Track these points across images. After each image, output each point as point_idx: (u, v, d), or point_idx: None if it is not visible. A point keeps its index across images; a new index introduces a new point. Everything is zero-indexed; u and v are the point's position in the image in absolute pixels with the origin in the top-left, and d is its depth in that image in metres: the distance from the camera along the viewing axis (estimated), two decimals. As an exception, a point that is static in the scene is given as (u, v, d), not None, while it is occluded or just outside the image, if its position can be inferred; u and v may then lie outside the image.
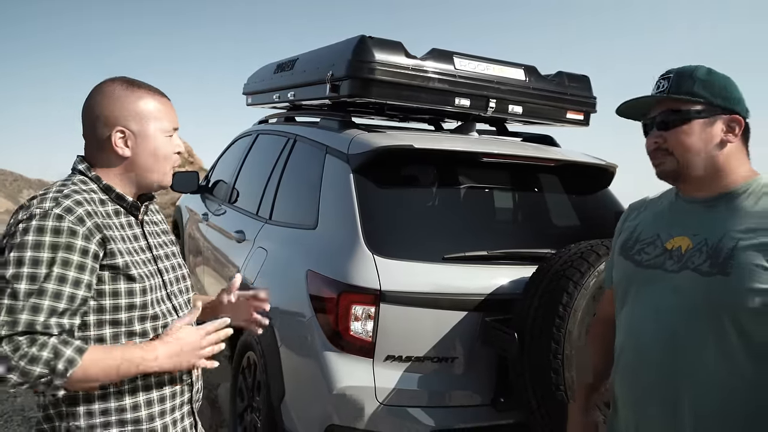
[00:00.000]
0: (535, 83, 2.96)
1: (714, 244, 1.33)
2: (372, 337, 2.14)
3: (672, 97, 1.39)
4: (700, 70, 1.40)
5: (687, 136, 1.39)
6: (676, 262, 1.39)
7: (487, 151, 2.49)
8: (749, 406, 1.27)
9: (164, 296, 1.43)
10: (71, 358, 1.18)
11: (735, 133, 1.38)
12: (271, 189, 3.13)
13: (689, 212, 1.44)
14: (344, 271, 2.18)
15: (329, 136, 2.72)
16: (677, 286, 1.36)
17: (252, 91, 4.04)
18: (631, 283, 1.49)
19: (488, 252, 2.29)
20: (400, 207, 2.37)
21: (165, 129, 1.39)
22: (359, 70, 2.58)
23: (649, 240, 1.49)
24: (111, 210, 1.36)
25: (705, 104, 1.38)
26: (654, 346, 1.38)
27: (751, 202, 1.34)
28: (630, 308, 1.49)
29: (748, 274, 1.25)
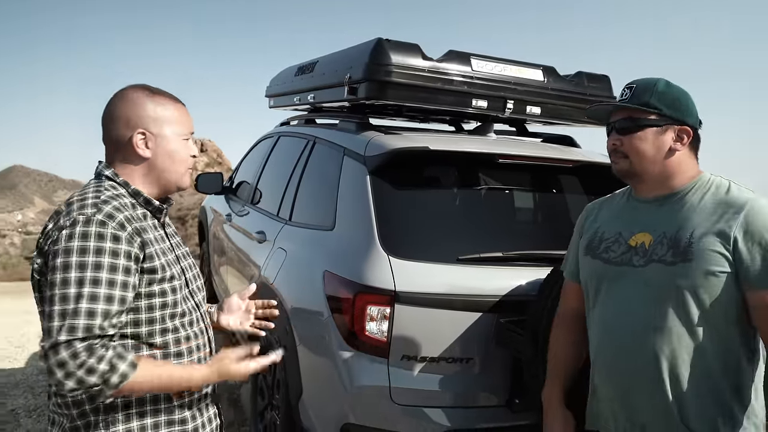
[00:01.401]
0: (554, 84, 2.95)
1: (672, 235, 1.52)
2: (387, 337, 2.16)
3: (629, 106, 1.58)
4: (660, 84, 1.59)
5: (640, 141, 1.57)
6: (642, 256, 1.56)
7: (503, 152, 2.49)
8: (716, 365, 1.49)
9: (188, 294, 1.49)
10: (125, 373, 1.24)
11: (683, 142, 1.57)
12: (291, 190, 3.18)
13: (644, 211, 1.62)
14: (360, 272, 2.21)
15: (347, 137, 2.76)
16: (647, 279, 1.53)
17: (274, 93, 4.10)
18: (602, 280, 1.65)
19: (503, 253, 2.30)
20: (416, 208, 2.39)
21: (181, 133, 1.45)
22: (376, 73, 2.61)
23: (613, 239, 1.66)
24: (140, 213, 1.42)
25: (658, 115, 1.56)
26: (632, 337, 1.55)
27: (698, 197, 1.54)
28: (602, 306, 1.65)
29: (706, 258, 1.45)
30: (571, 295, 1.84)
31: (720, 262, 1.45)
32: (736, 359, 1.52)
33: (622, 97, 1.63)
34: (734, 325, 1.50)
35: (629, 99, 1.60)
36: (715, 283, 1.46)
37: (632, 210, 1.67)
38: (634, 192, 1.69)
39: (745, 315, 1.50)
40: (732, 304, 1.48)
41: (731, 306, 1.48)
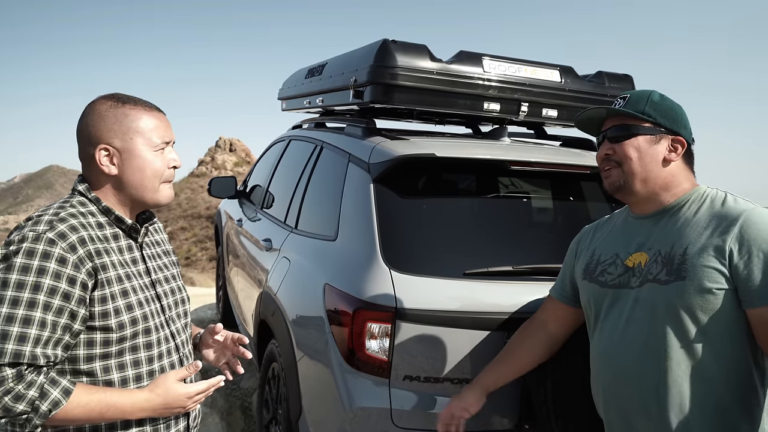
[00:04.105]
0: (572, 84, 2.79)
1: (666, 253, 1.45)
2: (388, 356, 2.04)
3: (622, 112, 1.51)
4: (654, 94, 1.54)
5: (634, 149, 1.50)
6: (638, 277, 1.50)
7: (516, 158, 2.34)
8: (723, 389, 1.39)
9: (162, 322, 1.39)
10: (56, 401, 1.16)
11: (677, 152, 1.50)
12: (298, 197, 3.08)
13: (639, 228, 1.56)
14: (360, 287, 2.09)
15: (352, 143, 2.64)
16: (642, 300, 1.47)
17: (286, 96, 4.01)
18: (600, 304, 1.59)
19: (513, 267, 2.15)
20: (421, 219, 2.26)
21: (153, 144, 1.35)
22: (381, 76, 2.49)
23: (610, 261, 1.59)
24: (109, 233, 1.33)
25: (652, 123, 1.50)
26: (630, 362, 1.48)
27: (692, 212, 1.47)
28: (600, 331, 1.59)
29: (700, 275, 1.37)
30: (547, 308, 1.86)
31: (716, 279, 1.37)
32: (744, 382, 1.40)
33: (616, 106, 1.55)
34: (739, 346, 1.39)
35: (624, 107, 1.53)
36: (713, 301, 1.37)
37: (629, 229, 1.59)
38: (630, 210, 1.62)
39: (750, 334, 1.38)
40: (734, 323, 1.37)
41: (734, 325, 1.37)
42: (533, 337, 1.84)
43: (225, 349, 1.60)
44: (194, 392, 1.34)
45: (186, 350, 1.46)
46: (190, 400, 1.34)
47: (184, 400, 1.33)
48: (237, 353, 1.59)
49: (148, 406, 1.28)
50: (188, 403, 1.34)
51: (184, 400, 1.33)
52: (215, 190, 4.34)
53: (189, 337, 1.52)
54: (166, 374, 1.33)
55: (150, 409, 1.29)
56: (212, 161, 43.56)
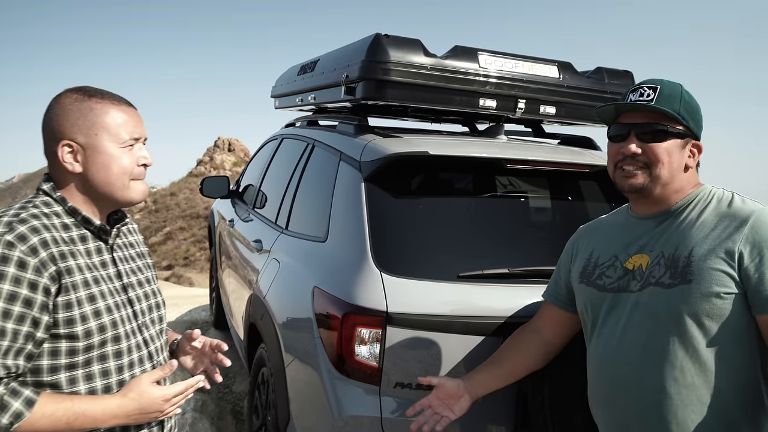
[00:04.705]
0: (570, 81, 2.70)
1: (670, 255, 1.37)
2: (378, 362, 1.96)
3: (661, 110, 1.38)
4: (685, 92, 1.43)
5: (666, 153, 1.39)
6: (639, 280, 1.41)
7: (512, 156, 2.26)
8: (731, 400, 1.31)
9: (134, 328, 1.31)
10: (18, 412, 1.09)
11: (695, 158, 1.43)
12: (289, 197, 3.00)
13: (641, 229, 1.47)
14: (349, 290, 2.01)
15: (344, 141, 2.56)
16: (644, 305, 1.38)
17: (278, 93, 3.92)
18: (598, 309, 1.50)
19: (509, 270, 2.07)
20: (414, 220, 2.18)
21: (120, 140, 1.26)
22: (373, 72, 2.40)
23: (608, 263, 1.50)
24: (76, 235, 1.25)
25: (684, 126, 1.40)
26: (629, 371, 1.39)
27: (697, 212, 1.39)
28: (598, 338, 1.50)
29: (707, 279, 1.29)
30: (541, 313, 1.78)
31: (724, 282, 1.29)
32: (753, 393, 1.32)
33: (644, 97, 1.41)
34: (748, 354, 1.30)
35: (657, 102, 1.39)
36: (721, 306, 1.28)
37: (629, 230, 1.50)
38: (632, 209, 1.53)
39: (759, 342, 1.30)
40: (743, 330, 1.29)
41: (742, 332, 1.29)
42: (526, 343, 1.75)
43: (203, 356, 1.52)
44: (171, 394, 1.26)
45: (161, 358, 1.38)
46: (167, 404, 1.26)
47: (161, 403, 1.25)
48: (215, 360, 1.51)
49: (121, 413, 1.20)
50: (165, 406, 1.26)
51: (161, 403, 1.25)
52: (207, 190, 4.26)
53: (165, 344, 1.44)
54: (139, 377, 1.25)
55: (123, 415, 1.21)
56: (211, 161, 43.47)
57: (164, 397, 1.24)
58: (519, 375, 1.75)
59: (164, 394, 1.24)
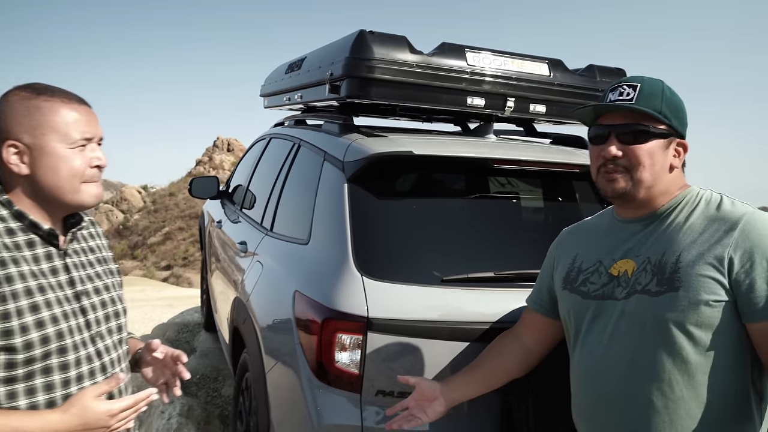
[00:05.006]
0: (561, 79, 2.63)
1: (657, 261, 1.30)
2: (359, 369, 1.89)
3: (641, 111, 1.31)
4: (667, 89, 1.35)
5: (648, 155, 1.32)
6: (625, 287, 1.34)
7: (499, 156, 2.19)
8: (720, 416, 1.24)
9: (85, 339, 1.23)
10: None
11: (680, 157, 1.36)
12: (275, 198, 2.93)
13: (626, 233, 1.40)
14: (329, 295, 1.94)
15: (329, 141, 2.49)
16: (630, 313, 1.31)
17: (267, 92, 3.85)
18: (581, 318, 1.43)
19: (495, 273, 2.00)
20: (397, 222, 2.11)
21: (70, 140, 1.19)
22: (357, 69, 2.33)
23: (593, 269, 1.43)
24: (22, 241, 1.18)
25: (667, 125, 1.33)
26: (615, 384, 1.32)
27: (684, 215, 1.33)
28: (582, 348, 1.43)
29: (696, 286, 1.23)
30: (523, 319, 1.72)
31: (713, 290, 1.22)
32: (744, 406, 1.25)
33: (623, 96, 1.33)
34: (740, 366, 1.24)
35: (637, 101, 1.31)
36: (710, 314, 1.22)
37: (614, 234, 1.43)
38: (616, 212, 1.45)
39: (751, 353, 1.23)
40: (734, 340, 1.22)
41: (734, 342, 1.22)
42: (506, 349, 1.68)
43: (164, 368, 1.44)
44: (118, 409, 1.18)
45: (117, 369, 1.31)
46: (113, 419, 1.18)
47: (106, 419, 1.17)
48: (175, 373, 1.44)
49: (62, 429, 1.12)
50: (111, 422, 1.18)
51: (106, 419, 1.17)
52: (196, 191, 4.20)
53: (125, 355, 1.36)
54: (83, 391, 1.17)
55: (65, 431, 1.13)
56: (210, 161, 43.40)
57: (110, 412, 1.17)
58: (498, 382, 1.68)
59: (110, 408, 1.17)
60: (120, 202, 45.53)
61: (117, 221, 44.14)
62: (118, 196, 47.09)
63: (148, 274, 33.47)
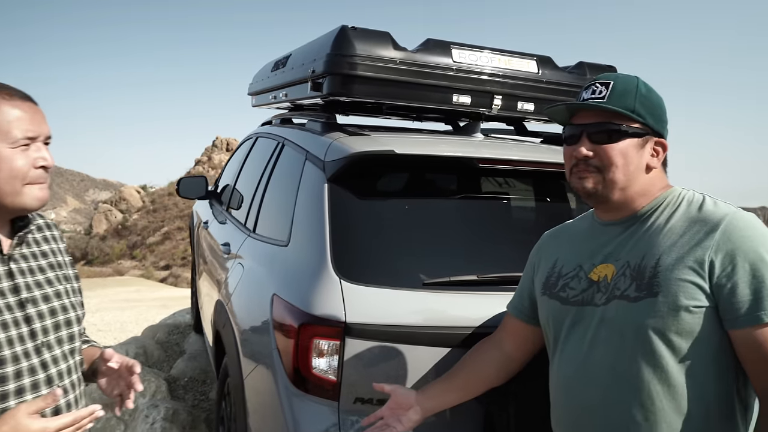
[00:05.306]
0: (550, 76, 2.57)
1: (636, 265, 1.25)
2: (337, 376, 1.82)
3: (611, 109, 1.26)
4: (642, 86, 1.30)
5: (620, 154, 1.26)
6: (604, 293, 1.28)
7: (484, 156, 2.12)
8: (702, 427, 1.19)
9: (29, 350, 1.17)
10: None
11: (659, 157, 1.31)
12: (258, 198, 2.86)
13: (607, 236, 1.35)
14: (307, 299, 1.87)
15: (311, 139, 2.42)
16: (609, 320, 1.26)
17: (254, 91, 3.79)
18: (560, 324, 1.37)
19: (479, 276, 1.94)
20: (378, 223, 2.04)
21: (11, 139, 1.12)
22: (339, 66, 2.27)
23: (572, 273, 1.38)
24: None
25: (641, 124, 1.28)
26: (595, 394, 1.27)
27: (665, 217, 1.28)
28: (561, 356, 1.37)
29: (675, 290, 1.17)
30: (504, 325, 1.66)
31: (694, 295, 1.16)
32: (728, 418, 1.19)
33: (595, 94, 1.29)
34: (723, 375, 1.18)
35: (609, 99, 1.27)
36: (690, 321, 1.16)
37: (594, 237, 1.37)
38: (596, 215, 1.40)
39: (734, 361, 1.18)
40: (717, 348, 1.16)
41: (716, 350, 1.16)
42: (485, 356, 1.62)
43: (119, 379, 1.38)
44: (54, 428, 1.11)
45: (66, 382, 1.24)
46: None
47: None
48: (129, 384, 1.37)
49: None
50: None
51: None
52: (184, 191, 4.13)
53: (76, 366, 1.29)
54: (16, 408, 1.10)
55: None
56: (209, 161, 43.31)
57: (45, 431, 1.10)
58: (477, 390, 1.62)
59: (44, 427, 1.10)
60: (119, 201, 45.49)
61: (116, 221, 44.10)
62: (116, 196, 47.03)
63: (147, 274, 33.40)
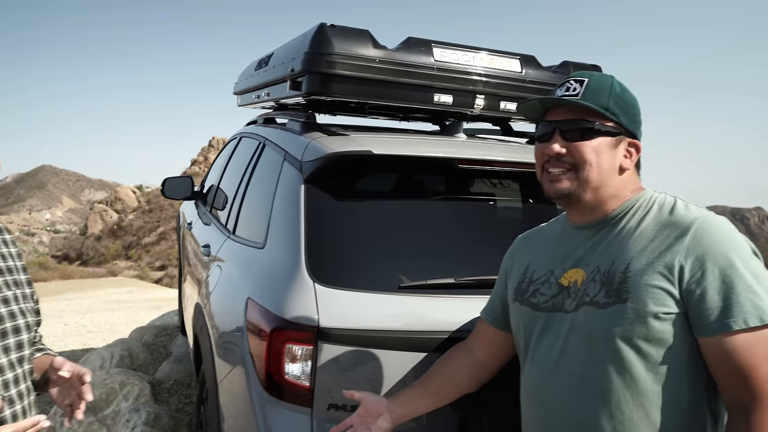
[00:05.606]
0: (533, 75, 2.53)
1: (606, 270, 1.21)
2: (310, 382, 1.78)
3: (584, 106, 1.22)
4: (616, 84, 1.28)
5: (593, 152, 1.24)
6: (574, 299, 1.25)
7: (463, 156, 2.08)
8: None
9: None
10: None
11: (632, 158, 1.28)
12: (239, 199, 2.82)
13: (578, 240, 1.32)
14: (280, 303, 1.83)
15: (290, 139, 2.38)
16: (578, 327, 1.22)
17: (239, 90, 3.74)
18: (530, 331, 1.33)
19: (456, 279, 1.89)
20: (354, 226, 2.00)
21: None
22: (317, 64, 2.22)
23: (543, 279, 1.35)
24: None
25: (615, 123, 1.25)
26: (563, 404, 1.22)
27: (636, 221, 1.24)
28: (530, 364, 1.33)
29: (644, 297, 1.14)
30: (476, 332, 1.61)
31: (663, 301, 1.12)
32: (698, 429, 1.16)
33: (570, 91, 1.26)
34: (694, 385, 1.14)
35: (582, 96, 1.23)
36: (659, 328, 1.12)
37: (566, 241, 1.33)
38: (568, 218, 1.36)
39: (706, 369, 1.14)
40: (687, 357, 1.12)
41: (686, 359, 1.13)
42: (457, 362, 1.57)
43: (70, 388, 1.33)
44: None
45: (13, 392, 1.19)
46: None
47: None
48: (79, 394, 1.33)
49: None
50: None
51: None
52: (169, 191, 4.06)
53: (25, 375, 1.25)
54: None
55: None
56: (205, 160, 43.18)
57: None
58: (449, 397, 1.58)
59: None
60: (114, 202, 45.33)
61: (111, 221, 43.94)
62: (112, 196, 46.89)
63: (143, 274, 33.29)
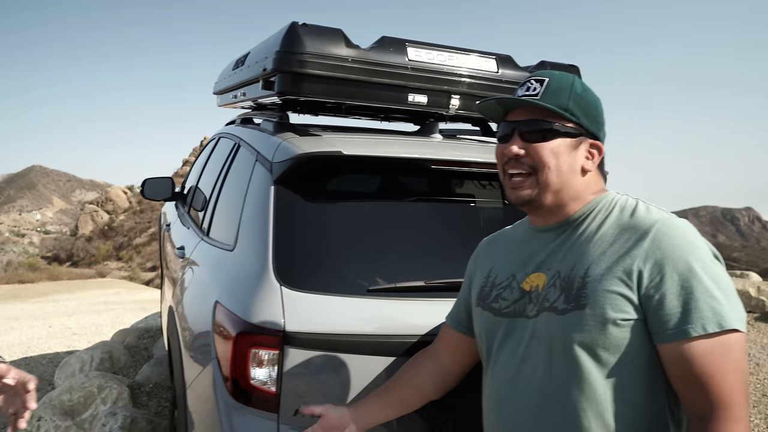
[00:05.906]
0: (510, 75, 2.50)
1: (566, 275, 1.19)
2: (276, 388, 1.74)
3: (542, 106, 1.22)
4: (577, 84, 1.25)
5: (552, 154, 1.21)
6: (536, 304, 1.22)
7: (435, 157, 2.06)
8: None
9: None
10: None
11: (594, 160, 1.26)
12: (213, 200, 2.78)
13: (540, 244, 1.29)
14: (246, 306, 1.79)
15: (262, 140, 2.35)
16: (538, 333, 1.19)
17: (218, 90, 3.70)
18: (492, 337, 1.31)
19: (426, 282, 1.86)
20: (323, 227, 1.97)
21: None
22: (288, 64, 2.19)
23: (506, 283, 1.32)
24: None
25: (575, 123, 1.23)
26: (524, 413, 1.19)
27: (596, 224, 1.22)
28: (492, 371, 1.30)
29: (602, 303, 1.11)
30: (441, 337, 1.58)
31: (621, 307, 1.10)
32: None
33: (530, 91, 1.24)
34: (654, 393, 1.12)
35: (542, 96, 1.21)
36: (618, 335, 1.10)
37: (528, 244, 1.31)
38: (530, 220, 1.35)
39: (665, 376, 1.11)
40: (646, 364, 1.11)
41: (645, 366, 1.10)
42: (421, 369, 1.54)
43: (15, 396, 1.29)
44: None
45: None
46: None
47: None
48: (23, 402, 1.29)
49: None
50: None
51: None
52: (149, 192, 4.00)
53: None
54: None
55: None
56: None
57: None
58: (413, 404, 1.55)
59: None
60: (105, 202, 45.07)
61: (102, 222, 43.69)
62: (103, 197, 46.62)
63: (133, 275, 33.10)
